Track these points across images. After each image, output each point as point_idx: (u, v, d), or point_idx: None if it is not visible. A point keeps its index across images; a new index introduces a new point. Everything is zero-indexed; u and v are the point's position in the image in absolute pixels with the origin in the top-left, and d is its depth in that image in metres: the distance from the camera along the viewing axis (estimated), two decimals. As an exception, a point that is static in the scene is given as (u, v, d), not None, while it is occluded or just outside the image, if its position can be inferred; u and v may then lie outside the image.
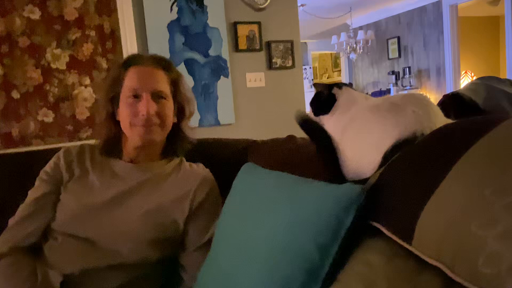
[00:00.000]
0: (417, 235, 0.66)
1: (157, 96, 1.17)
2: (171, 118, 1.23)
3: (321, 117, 1.09)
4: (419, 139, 0.85)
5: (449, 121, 0.91)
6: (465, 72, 6.95)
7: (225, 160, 1.40)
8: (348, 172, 0.99)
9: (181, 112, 1.28)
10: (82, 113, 2.80)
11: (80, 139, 2.79)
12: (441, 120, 0.91)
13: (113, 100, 1.21)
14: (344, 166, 0.99)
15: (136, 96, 1.15)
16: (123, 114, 1.17)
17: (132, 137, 1.18)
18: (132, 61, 1.21)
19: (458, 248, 0.56)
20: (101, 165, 1.22)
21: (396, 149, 0.87)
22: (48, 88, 2.69)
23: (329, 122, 1.07)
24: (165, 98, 1.19)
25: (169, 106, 1.21)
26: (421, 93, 1.35)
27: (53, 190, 1.19)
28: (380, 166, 0.89)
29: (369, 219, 0.78)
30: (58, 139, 2.72)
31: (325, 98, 1.08)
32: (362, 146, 0.95)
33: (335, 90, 1.08)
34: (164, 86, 1.19)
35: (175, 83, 1.23)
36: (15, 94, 2.61)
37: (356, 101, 1.04)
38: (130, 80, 1.16)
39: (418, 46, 6.74)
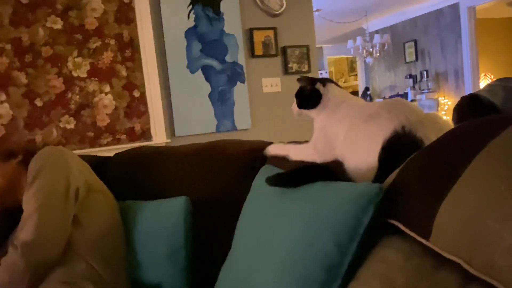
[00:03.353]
0: (435, 231, 0.67)
1: None
2: None
3: (308, 111, 1.15)
4: (406, 133, 0.92)
5: (434, 114, 1.00)
6: (485, 75, 6.84)
7: (241, 159, 1.42)
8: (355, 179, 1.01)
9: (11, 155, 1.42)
10: (103, 120, 2.87)
11: (100, 146, 2.85)
12: (418, 113, 0.98)
13: None
14: (349, 175, 1.02)
15: None
16: None
17: None
18: None
19: (475, 242, 0.57)
20: None
21: (386, 151, 0.93)
22: (69, 96, 2.77)
23: (319, 117, 1.14)
24: None
25: None
26: (397, 97, 1.41)
27: None
28: (379, 169, 0.94)
29: (387, 217, 0.79)
30: (80, 146, 2.79)
31: (308, 93, 1.14)
32: (358, 156, 1.00)
33: (318, 86, 1.14)
34: None
35: None
36: (39, 102, 2.69)
37: (342, 101, 1.12)
38: None
39: (436, 49, 6.67)
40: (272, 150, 1.31)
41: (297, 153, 1.19)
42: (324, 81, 1.16)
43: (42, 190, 1.19)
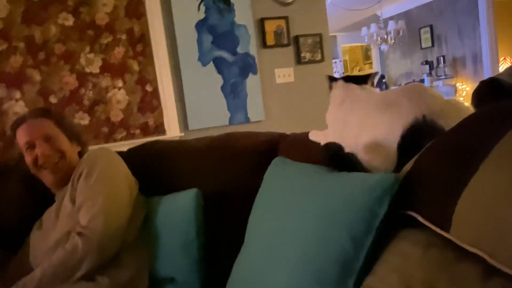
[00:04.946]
0: (455, 222, 0.63)
1: (47, 138, 1.33)
2: (68, 147, 1.38)
3: (347, 89, 1.17)
4: (427, 122, 0.89)
5: (456, 100, 1.00)
6: (504, 59, 6.65)
7: (253, 151, 1.40)
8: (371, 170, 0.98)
9: (79, 139, 1.46)
10: (117, 115, 2.87)
11: (115, 141, 2.86)
12: (440, 100, 0.95)
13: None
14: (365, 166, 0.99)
15: (31, 146, 1.33)
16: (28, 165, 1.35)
17: (44, 178, 1.36)
18: (15, 124, 1.38)
19: (499, 233, 0.54)
20: None
21: (406, 139, 0.90)
22: (83, 92, 2.78)
23: (337, 108, 1.15)
24: (54, 137, 1.36)
25: (61, 140, 1.37)
26: (416, 82, 1.37)
27: None
28: (399, 158, 0.90)
29: (404, 209, 0.76)
30: (94, 142, 2.81)
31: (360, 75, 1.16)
32: (375, 147, 0.97)
33: (332, 83, 1.17)
34: (49, 128, 1.36)
35: (59, 122, 1.40)
36: (53, 99, 2.71)
37: (348, 95, 1.12)
38: (20, 138, 1.34)
39: (452, 33, 6.51)
40: (310, 136, 1.30)
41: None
42: (337, 79, 1.20)
43: (107, 186, 1.24)
